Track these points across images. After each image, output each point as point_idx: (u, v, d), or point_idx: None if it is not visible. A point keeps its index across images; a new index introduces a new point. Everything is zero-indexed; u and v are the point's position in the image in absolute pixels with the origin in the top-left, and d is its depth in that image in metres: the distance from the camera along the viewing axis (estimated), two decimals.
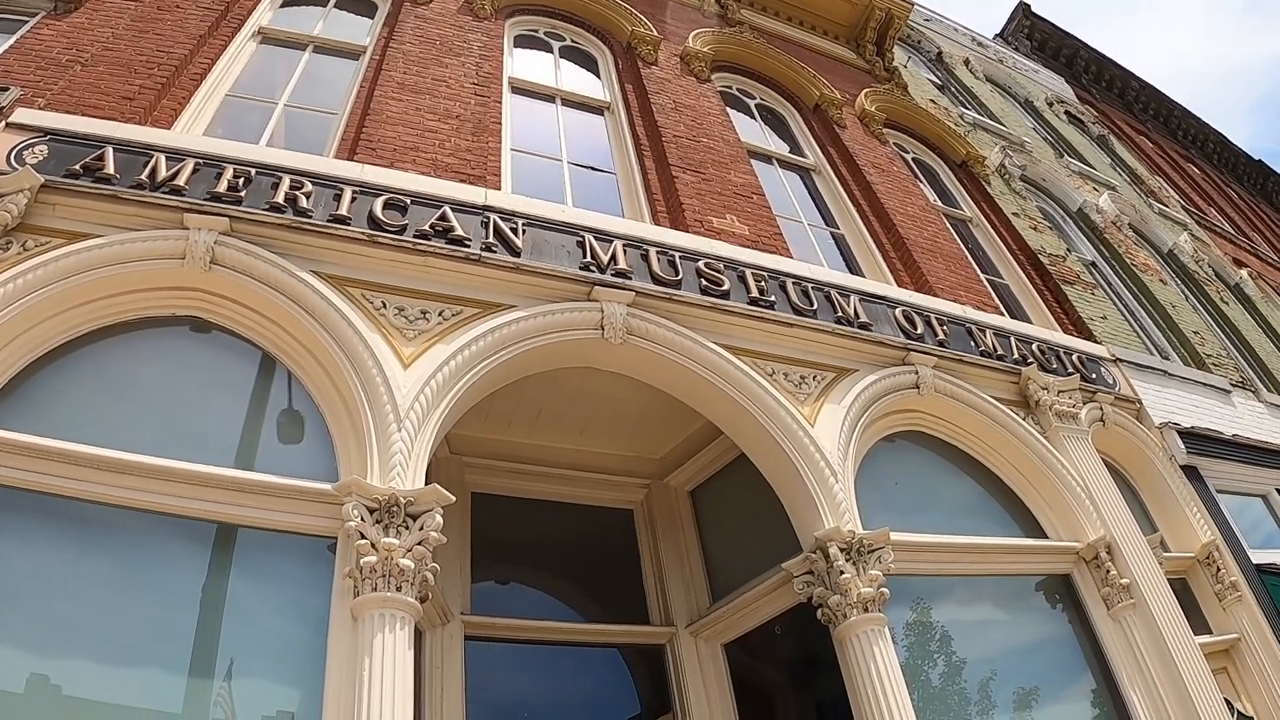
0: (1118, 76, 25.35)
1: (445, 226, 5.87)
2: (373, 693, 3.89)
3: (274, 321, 5.11)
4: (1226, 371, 12.57)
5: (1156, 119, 26.76)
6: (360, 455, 4.70)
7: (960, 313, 8.35)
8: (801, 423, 6.16)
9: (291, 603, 4.37)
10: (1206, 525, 9.16)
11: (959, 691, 6.51)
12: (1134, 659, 7.11)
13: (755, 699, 7.01)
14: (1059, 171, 14.52)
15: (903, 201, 9.81)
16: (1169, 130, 27.21)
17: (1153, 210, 17.04)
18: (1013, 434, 7.61)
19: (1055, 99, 19.86)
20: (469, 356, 5.32)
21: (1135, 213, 15.85)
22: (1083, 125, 19.81)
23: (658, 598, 7.12)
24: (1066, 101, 20.52)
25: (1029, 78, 20.01)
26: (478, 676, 6.07)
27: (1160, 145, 25.04)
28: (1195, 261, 16.33)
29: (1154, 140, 24.85)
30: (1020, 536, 7.41)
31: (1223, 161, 29.94)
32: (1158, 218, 16.80)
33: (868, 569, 5.68)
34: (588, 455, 7.36)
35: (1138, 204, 16.48)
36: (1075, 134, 18.37)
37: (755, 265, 7.02)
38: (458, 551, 6.43)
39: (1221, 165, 29.74)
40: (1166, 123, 27.17)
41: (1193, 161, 27.01)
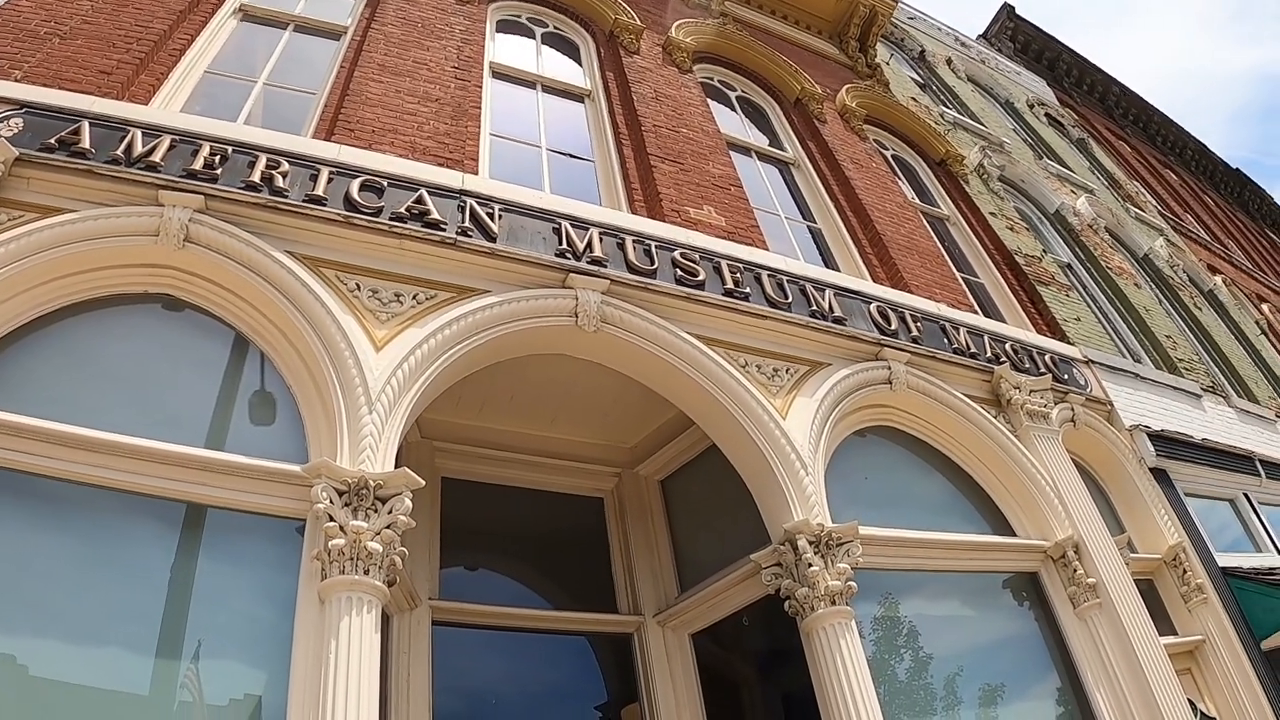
0: (1099, 81, 25.48)
1: (421, 210, 5.84)
2: (338, 675, 3.88)
3: (247, 301, 5.07)
4: (1198, 376, 12.67)
5: (1136, 124, 26.91)
6: (331, 437, 4.67)
7: (935, 310, 8.39)
8: (773, 415, 6.17)
9: (260, 584, 4.35)
10: (1174, 527, 9.24)
11: (925, 687, 6.54)
12: (1099, 658, 7.17)
13: (722, 690, 7.02)
14: (1037, 173, 14.59)
15: (880, 198, 9.83)
16: (1148, 136, 27.38)
17: (1129, 214, 17.14)
18: (984, 432, 7.65)
19: (1036, 101, 19.94)
20: (442, 341, 5.30)
21: (1112, 216, 15.95)
22: (1062, 128, 19.90)
23: (626, 586, 7.12)
24: (1047, 104, 20.61)
25: (1011, 79, 20.08)
26: (445, 662, 6.04)
27: (1139, 151, 25.19)
28: (1170, 266, 16.44)
29: (1133, 145, 25.00)
30: (989, 534, 7.45)
31: (1200, 169, 30.15)
32: (1134, 222, 16.91)
33: (836, 562, 5.70)
34: (559, 442, 7.35)
35: (1115, 208, 16.58)
36: (1055, 136, 18.45)
37: (731, 256, 7.02)
38: (427, 536, 6.41)
39: (1199, 172, 29.95)
40: (1146, 128, 27.33)
41: (1171, 168, 27.19)
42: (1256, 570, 9.89)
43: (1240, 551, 10.48)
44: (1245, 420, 13.18)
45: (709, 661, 6.87)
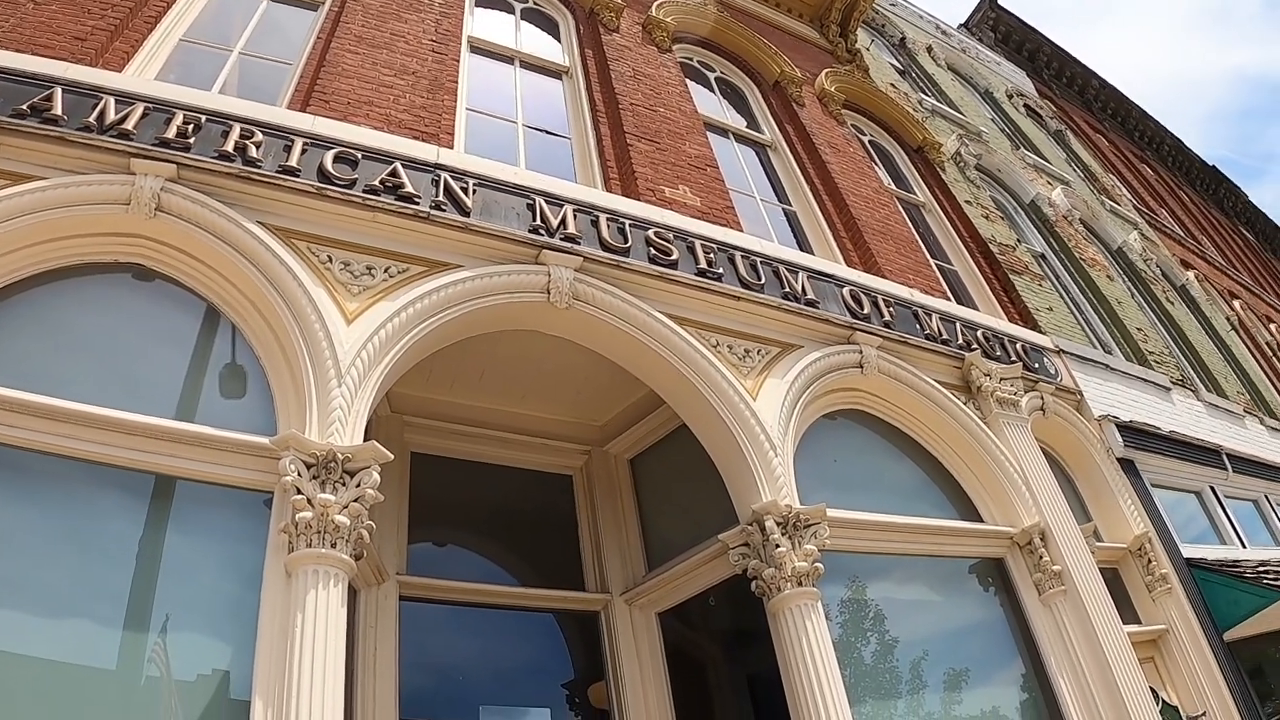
0: (1079, 74, 25.57)
1: (395, 183, 5.80)
2: (304, 648, 3.87)
3: (218, 272, 5.02)
4: (1168, 369, 12.77)
5: (1115, 119, 27.03)
6: (300, 410, 4.64)
7: (908, 295, 8.41)
8: (744, 396, 6.18)
9: (227, 558, 4.32)
10: (1140, 517, 9.32)
11: (890, 670, 6.59)
12: (1063, 645, 7.22)
13: (688, 669, 7.04)
14: (1014, 163, 14.64)
15: (856, 182, 9.84)
16: (1126, 131, 27.51)
17: (1105, 207, 17.23)
18: (953, 418, 7.69)
19: (1015, 92, 19.99)
20: (413, 315, 5.27)
21: (1087, 208, 16.03)
22: (1041, 120, 19.96)
23: (594, 565, 7.13)
24: (1026, 95, 20.67)
25: (991, 69, 20.12)
26: (412, 638, 6.03)
27: (1116, 145, 25.31)
28: (1143, 260, 16.54)
29: (1111, 139, 25.12)
30: (957, 519, 7.49)
31: (1177, 165, 30.32)
32: (1109, 215, 17.00)
33: (803, 544, 5.72)
34: (529, 419, 7.34)
35: (1090, 200, 16.66)
36: (1033, 127, 18.52)
37: (705, 237, 7.02)
38: (395, 511, 6.39)
39: (1175, 168, 30.12)
40: (1124, 123, 27.46)
41: (1147, 163, 27.33)
42: (1221, 562, 9.99)
43: (1206, 544, 10.59)
44: (1214, 414, 13.30)
45: (676, 641, 6.89)
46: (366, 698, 5.52)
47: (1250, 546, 11.49)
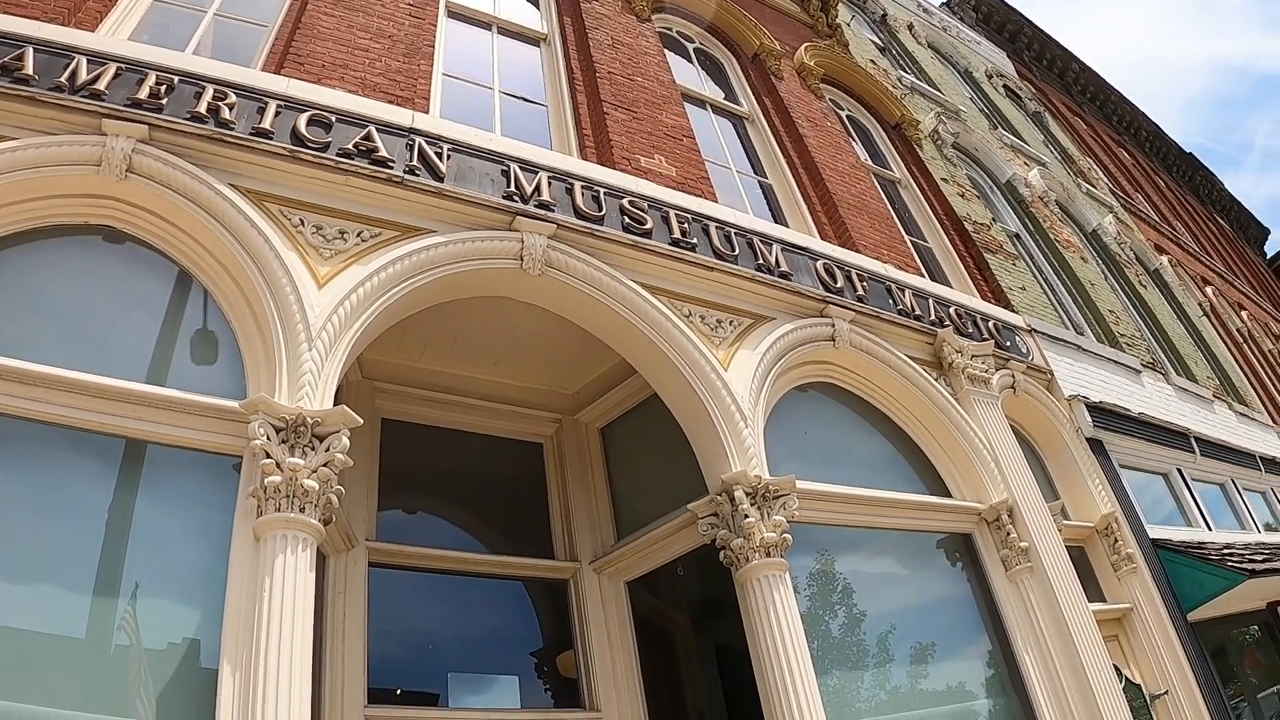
0: (1059, 56, 25.63)
1: (369, 147, 5.74)
2: (272, 613, 3.86)
3: (189, 235, 4.96)
4: (1139, 352, 12.86)
5: (1093, 102, 27.12)
6: (270, 374, 4.61)
7: (881, 270, 8.43)
8: (715, 366, 6.18)
9: (197, 523, 4.29)
10: (1107, 497, 9.39)
11: (858, 643, 6.63)
12: (1029, 621, 7.29)
13: (656, 638, 7.08)
14: (991, 143, 14.67)
15: (833, 157, 9.83)
16: (1104, 115, 27.61)
17: (1080, 189, 17.31)
18: (924, 393, 7.72)
19: (995, 72, 20.01)
20: (385, 279, 5.23)
21: (1063, 190, 16.09)
22: (1019, 101, 20.00)
23: (563, 533, 7.12)
24: (1006, 76, 20.70)
25: (971, 48, 20.12)
26: (381, 604, 6.01)
27: (1094, 128, 25.40)
28: (1118, 243, 16.63)
29: (1089, 123, 25.20)
30: (925, 494, 7.54)
31: (1154, 150, 30.47)
32: (1085, 197, 17.07)
33: (772, 514, 5.74)
34: (500, 387, 7.31)
35: (1066, 182, 16.72)
36: (1011, 108, 18.55)
37: (679, 207, 7.00)
38: (365, 477, 6.36)
39: (1153, 154, 30.27)
40: (1103, 107, 27.56)
41: (1125, 147, 27.45)
42: (1187, 544, 10.10)
43: (1172, 525, 10.69)
44: (1183, 398, 13.42)
45: (644, 610, 6.91)
46: (335, 664, 5.51)
47: (1216, 529, 11.63)
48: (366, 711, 5.45)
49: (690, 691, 7.21)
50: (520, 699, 6.57)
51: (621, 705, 6.51)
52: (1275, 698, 11.68)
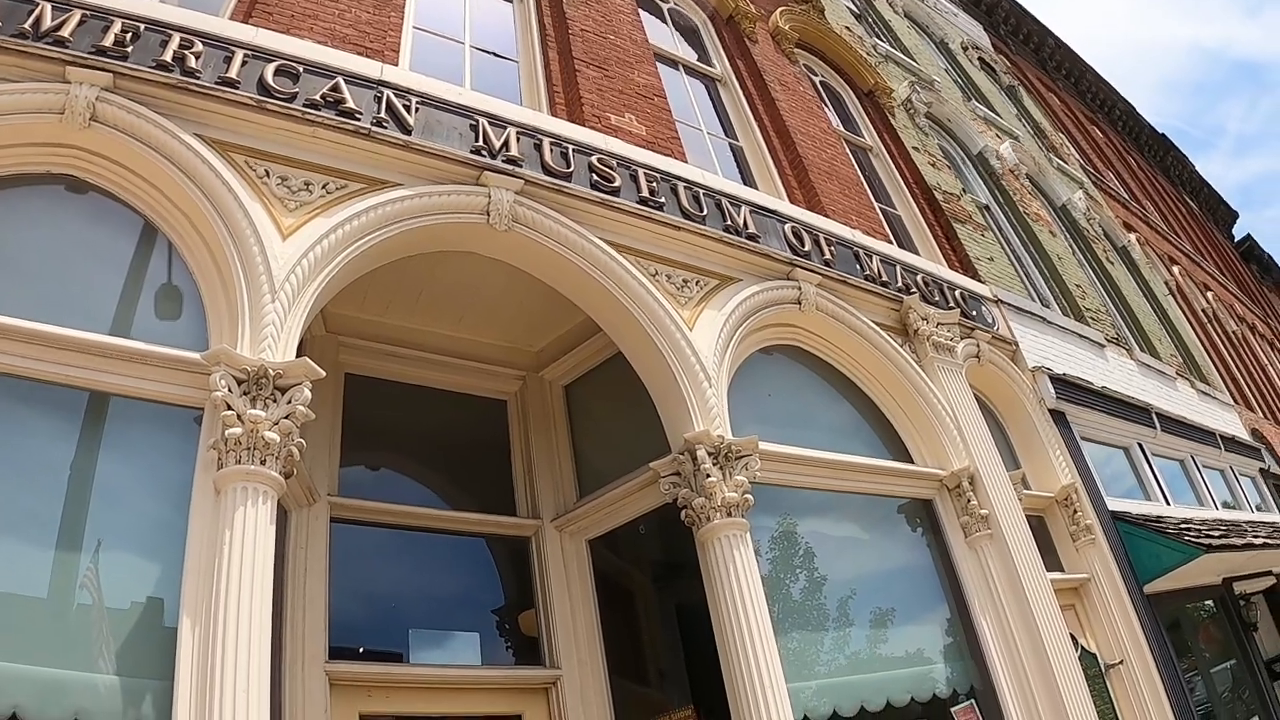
0: (1035, 31, 25.65)
1: (337, 98, 5.67)
2: (232, 565, 3.83)
3: (153, 184, 4.87)
4: (1103, 327, 12.96)
5: (1068, 79, 27.19)
6: (232, 326, 4.55)
7: (850, 236, 8.44)
8: (680, 325, 6.18)
9: (159, 478, 4.25)
10: (1068, 468, 9.49)
11: (818, 606, 6.69)
12: (987, 587, 7.37)
13: (617, 598, 7.08)
14: (964, 114, 14.68)
15: (805, 121, 9.81)
16: (1079, 92, 27.69)
17: (1052, 164, 17.37)
18: (889, 359, 7.77)
19: (971, 44, 19.99)
20: (350, 231, 5.18)
21: (1034, 164, 16.14)
22: (994, 74, 20.01)
23: (526, 491, 7.11)
24: (981, 49, 20.69)
25: (947, 20, 20.09)
26: (343, 561, 5.98)
27: (1068, 105, 25.48)
28: (1087, 219, 16.72)
29: (1063, 99, 25.28)
30: (888, 459, 7.60)
31: (1127, 130, 30.62)
32: (1056, 172, 17.14)
33: (734, 475, 5.76)
34: (465, 343, 7.26)
35: (1038, 156, 16.78)
36: (986, 81, 18.56)
37: (649, 166, 6.97)
38: (328, 433, 6.31)
39: (1125, 133, 30.42)
40: (1077, 84, 27.64)
41: (1098, 125, 27.57)
42: (1145, 517, 10.22)
43: (1131, 499, 10.81)
44: (1146, 374, 13.54)
45: (605, 569, 6.92)
46: (296, 619, 5.48)
47: (1174, 504, 11.76)
48: (328, 667, 5.43)
49: (651, 651, 7.25)
50: (481, 656, 6.56)
51: (582, 663, 6.53)
52: (1228, 673, 11.87)
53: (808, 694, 6.01)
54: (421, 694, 5.91)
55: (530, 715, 6.32)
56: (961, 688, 7.02)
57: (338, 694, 5.45)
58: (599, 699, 6.46)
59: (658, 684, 7.04)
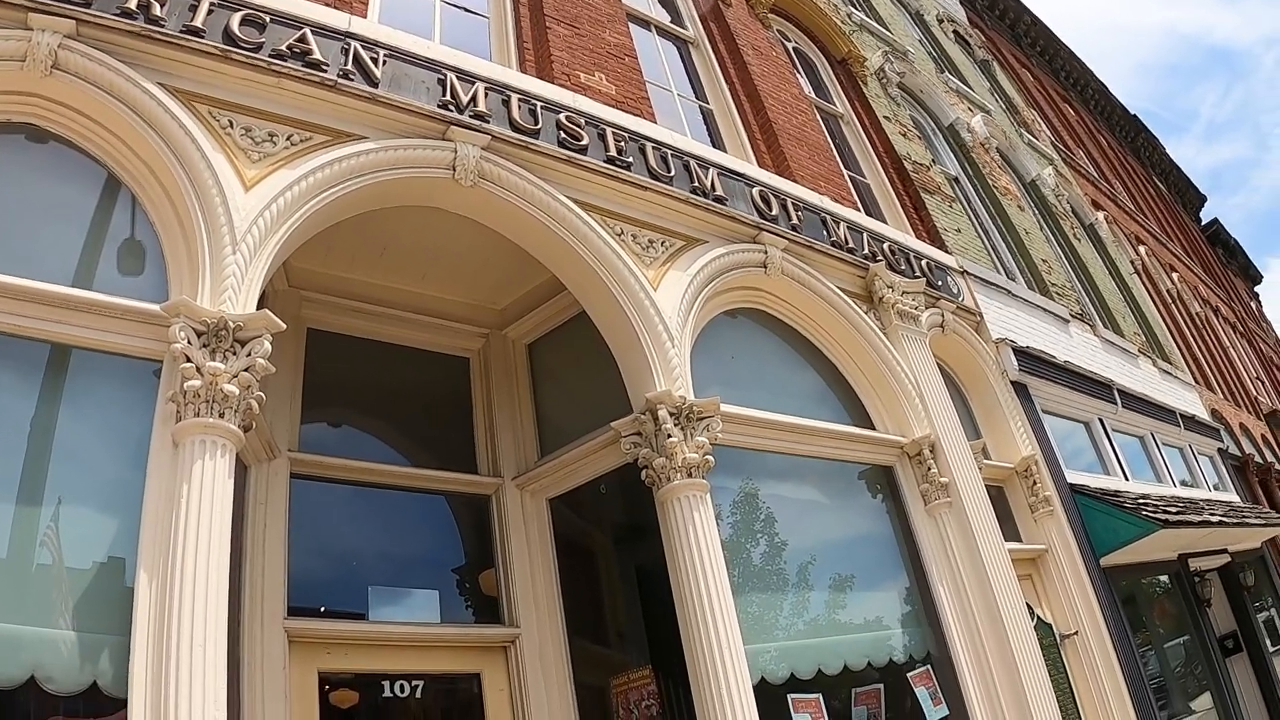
0: (1011, 7, 25.67)
1: (304, 49, 5.57)
2: (189, 518, 3.80)
3: (114, 134, 4.78)
4: (1068, 302, 13.05)
5: (1042, 56, 27.24)
6: (193, 278, 4.48)
7: (817, 201, 8.45)
8: (645, 285, 6.17)
9: (119, 432, 4.22)
10: (1029, 440, 9.57)
11: (777, 571, 6.73)
12: (945, 555, 7.45)
13: (577, 558, 7.09)
14: (937, 86, 14.67)
15: (776, 86, 9.77)
16: (1053, 70, 27.76)
17: (1022, 140, 17.41)
18: (853, 325, 7.80)
19: (946, 17, 19.94)
20: (314, 183, 5.11)
21: (1005, 139, 16.17)
22: (968, 47, 19.99)
23: (487, 449, 7.10)
24: (957, 22, 20.65)
25: None
26: (303, 518, 5.95)
27: (1041, 82, 25.55)
28: (1055, 195, 16.80)
29: (1036, 76, 25.35)
30: (850, 425, 7.62)
31: (1099, 109, 30.76)
32: (1026, 147, 17.18)
33: (695, 435, 5.77)
34: (429, 300, 7.21)
35: (1009, 131, 16.81)
36: (960, 54, 18.53)
37: (617, 125, 6.92)
38: (289, 388, 6.27)
39: (1097, 113, 30.56)
40: (1051, 62, 27.70)
41: (1070, 103, 27.67)
42: (1103, 491, 10.34)
43: (1090, 473, 10.92)
44: (1109, 350, 13.66)
45: (566, 529, 6.93)
46: (255, 575, 5.46)
47: (1133, 480, 11.92)
48: (286, 624, 5.41)
49: (610, 611, 7.27)
50: (440, 615, 6.54)
51: (541, 622, 6.55)
52: (1182, 648, 12.06)
53: (765, 657, 6.06)
54: (380, 651, 5.90)
55: (489, 673, 6.34)
56: (918, 654, 7.10)
57: (296, 651, 5.44)
58: (557, 658, 6.48)
59: (617, 644, 7.06)
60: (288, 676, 5.30)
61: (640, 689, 6.34)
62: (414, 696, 6.03)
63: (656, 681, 6.25)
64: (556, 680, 6.40)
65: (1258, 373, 30.26)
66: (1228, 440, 18.24)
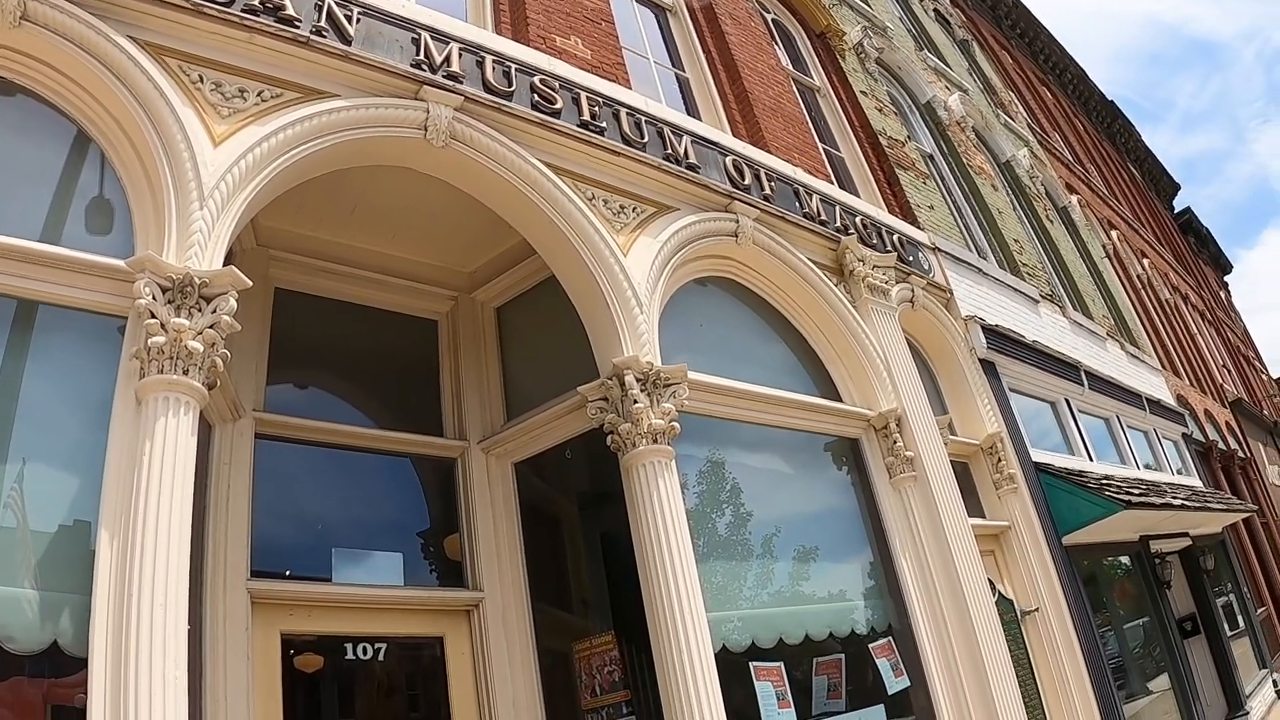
0: None
1: (276, 4, 5.46)
2: (152, 476, 3.76)
3: (84, 88, 4.68)
4: (1039, 283, 13.13)
5: (1022, 39, 27.30)
6: (159, 234, 4.42)
7: (790, 172, 8.45)
8: (615, 250, 6.15)
9: (84, 390, 4.16)
10: (995, 418, 9.65)
11: (741, 538, 6.77)
12: (909, 529, 7.53)
13: (542, 523, 7.09)
14: (915, 63, 14.67)
15: (753, 57, 9.73)
16: (1032, 53, 27.83)
17: (999, 120, 17.46)
18: (823, 298, 7.82)
19: None
20: (283, 140, 5.05)
21: (981, 119, 16.21)
22: (948, 26, 19.98)
23: (454, 412, 7.07)
24: (938, 0, 20.64)
25: None
26: (267, 478, 5.90)
27: (1020, 64, 25.61)
28: (1030, 177, 16.86)
29: (1015, 58, 25.40)
30: (817, 396, 7.65)
31: (1076, 94, 30.89)
32: (1002, 128, 17.23)
33: (661, 401, 5.78)
34: (398, 261, 7.14)
35: (986, 111, 16.84)
36: (940, 33, 18.52)
37: (592, 90, 6.87)
38: (255, 348, 6.21)
39: (1074, 97, 30.69)
40: (1031, 44, 27.76)
41: (1048, 86, 27.77)
42: (1068, 470, 10.45)
43: (1055, 452, 11.02)
44: (1077, 332, 13.78)
45: (531, 494, 6.92)
46: (219, 535, 5.42)
47: (1097, 461, 12.04)
48: (249, 584, 5.38)
49: (574, 577, 7.27)
50: (404, 578, 6.53)
51: (504, 587, 6.56)
52: (1141, 630, 12.23)
53: (728, 625, 6.11)
54: (343, 613, 5.89)
55: (452, 637, 6.35)
56: (880, 626, 7.18)
57: (259, 612, 5.41)
58: (520, 622, 6.50)
59: (580, 610, 7.07)
60: (250, 638, 5.27)
61: (603, 654, 6.37)
62: (377, 659, 6.03)
63: (619, 647, 6.27)
64: (519, 644, 6.42)
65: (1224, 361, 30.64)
66: (1192, 426, 18.45)
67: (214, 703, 4.88)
